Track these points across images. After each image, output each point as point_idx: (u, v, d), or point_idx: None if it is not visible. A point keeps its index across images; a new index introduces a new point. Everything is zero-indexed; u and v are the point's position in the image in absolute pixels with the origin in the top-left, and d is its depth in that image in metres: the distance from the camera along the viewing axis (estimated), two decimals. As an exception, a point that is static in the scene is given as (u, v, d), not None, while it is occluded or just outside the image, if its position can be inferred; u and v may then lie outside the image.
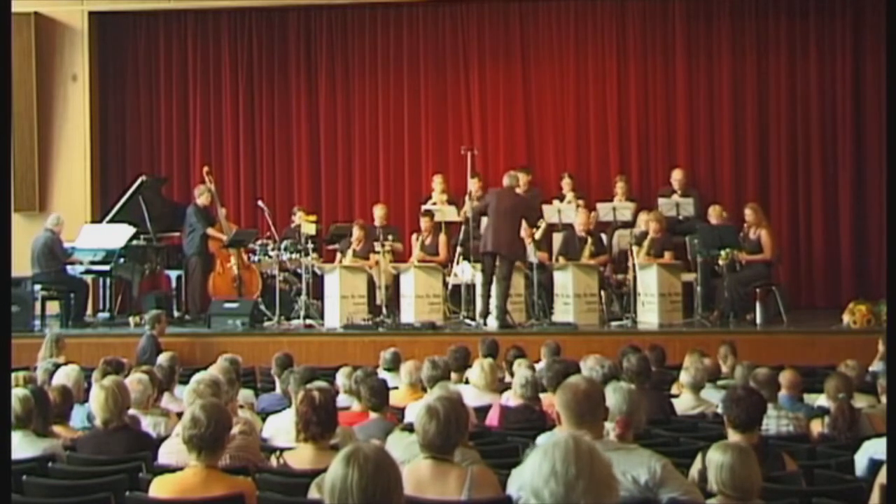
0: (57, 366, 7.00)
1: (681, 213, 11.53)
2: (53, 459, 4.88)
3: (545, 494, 2.40)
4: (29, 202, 12.68)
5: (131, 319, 11.03)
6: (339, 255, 11.64)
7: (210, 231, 11.65)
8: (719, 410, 5.16)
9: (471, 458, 4.09)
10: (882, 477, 4.18)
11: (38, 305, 10.95)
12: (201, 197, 11.72)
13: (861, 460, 4.84)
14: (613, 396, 4.09)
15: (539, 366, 7.18)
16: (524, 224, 10.43)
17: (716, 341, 8.65)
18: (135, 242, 11.51)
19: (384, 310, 10.80)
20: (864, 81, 12.49)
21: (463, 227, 11.25)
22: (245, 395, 7.05)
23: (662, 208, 11.44)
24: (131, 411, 5.50)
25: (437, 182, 12.24)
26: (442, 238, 11.67)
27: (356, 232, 11.48)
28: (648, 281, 10.48)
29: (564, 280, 10.74)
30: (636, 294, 10.57)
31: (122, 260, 11.30)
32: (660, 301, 10.32)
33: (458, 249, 11.16)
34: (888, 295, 8.47)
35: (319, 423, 4.32)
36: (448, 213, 11.81)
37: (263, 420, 6.00)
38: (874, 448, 4.79)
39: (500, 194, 10.51)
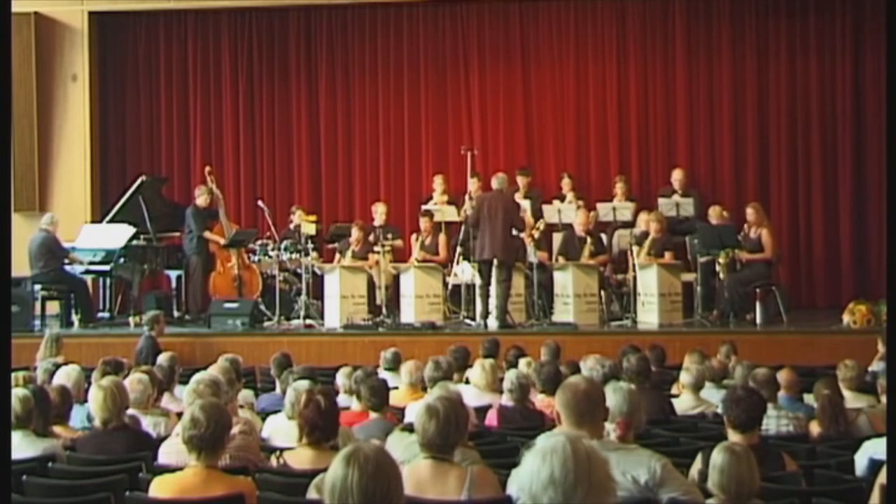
0: (57, 366, 7.00)
1: (681, 213, 11.53)
2: (53, 459, 4.88)
3: (543, 500, 2.40)
4: (29, 202, 12.68)
5: (131, 319, 11.02)
6: (337, 256, 11.63)
7: (207, 235, 11.65)
8: (719, 410, 5.16)
9: (471, 458, 4.09)
10: (882, 477, 4.18)
11: (38, 305, 10.94)
12: (200, 198, 11.72)
13: (861, 460, 4.84)
14: (614, 397, 4.09)
15: (523, 368, 7.17)
16: (514, 228, 10.42)
17: (716, 341, 8.66)
18: (135, 242, 11.50)
19: (384, 310, 10.80)
20: (864, 81, 12.49)
21: (463, 227, 11.23)
22: (245, 395, 7.05)
23: (662, 208, 11.43)
24: (131, 411, 5.50)
25: (438, 182, 12.23)
26: (442, 238, 11.66)
27: (355, 233, 11.46)
28: (648, 281, 10.48)
29: (564, 280, 10.74)
30: (636, 294, 10.57)
31: (122, 260, 11.30)
32: (660, 301, 10.32)
33: (458, 249, 11.15)
34: (888, 295, 8.46)
35: (324, 428, 4.34)
36: (448, 213, 11.80)
37: (263, 420, 6.00)
38: (874, 448, 4.79)
39: (489, 199, 10.46)
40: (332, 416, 4.39)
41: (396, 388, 6.62)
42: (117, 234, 11.39)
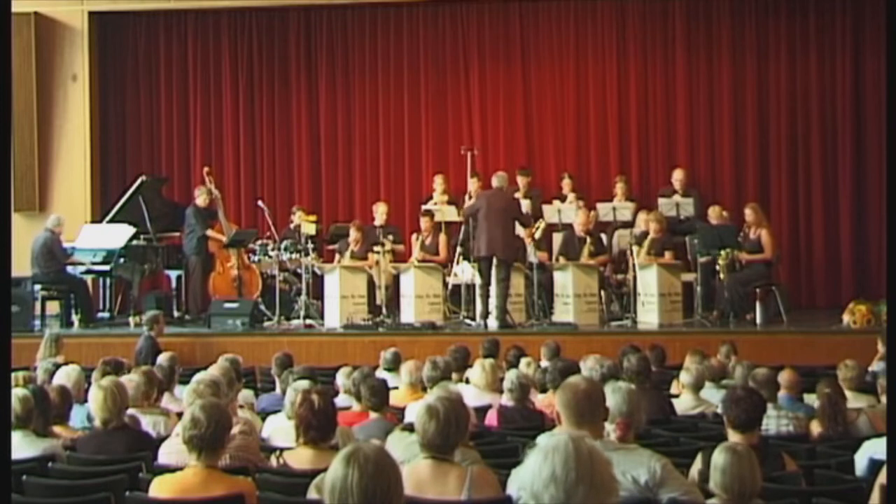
0: (57, 366, 7.00)
1: (681, 213, 11.53)
2: (53, 459, 4.88)
3: (545, 499, 2.39)
4: (29, 202, 12.68)
5: (131, 319, 11.02)
6: (337, 256, 11.63)
7: (209, 232, 11.67)
8: (719, 410, 5.16)
9: (471, 458, 4.09)
10: (882, 477, 4.18)
11: (38, 305, 10.94)
12: (200, 198, 11.73)
13: (861, 460, 4.84)
14: (613, 397, 4.09)
15: (526, 369, 7.16)
16: (519, 226, 10.43)
17: (716, 341, 8.66)
18: (135, 242, 11.50)
19: (384, 310, 10.80)
20: (864, 81, 12.50)
21: (463, 227, 11.23)
22: (245, 395, 7.05)
23: (662, 208, 11.44)
24: (131, 411, 5.50)
25: (438, 182, 12.22)
26: (442, 238, 11.66)
27: (353, 233, 11.46)
28: (648, 281, 10.48)
29: (564, 280, 10.74)
30: (636, 294, 10.56)
31: (122, 260, 11.30)
32: (660, 301, 10.31)
33: (458, 249, 11.16)
34: (888, 295, 8.47)
35: (319, 427, 4.32)
36: (448, 213, 11.80)
37: (263, 420, 6.00)
38: (874, 448, 4.79)
39: (490, 197, 10.47)
40: (327, 415, 4.36)
41: (396, 388, 6.62)
42: (117, 234, 11.39)
